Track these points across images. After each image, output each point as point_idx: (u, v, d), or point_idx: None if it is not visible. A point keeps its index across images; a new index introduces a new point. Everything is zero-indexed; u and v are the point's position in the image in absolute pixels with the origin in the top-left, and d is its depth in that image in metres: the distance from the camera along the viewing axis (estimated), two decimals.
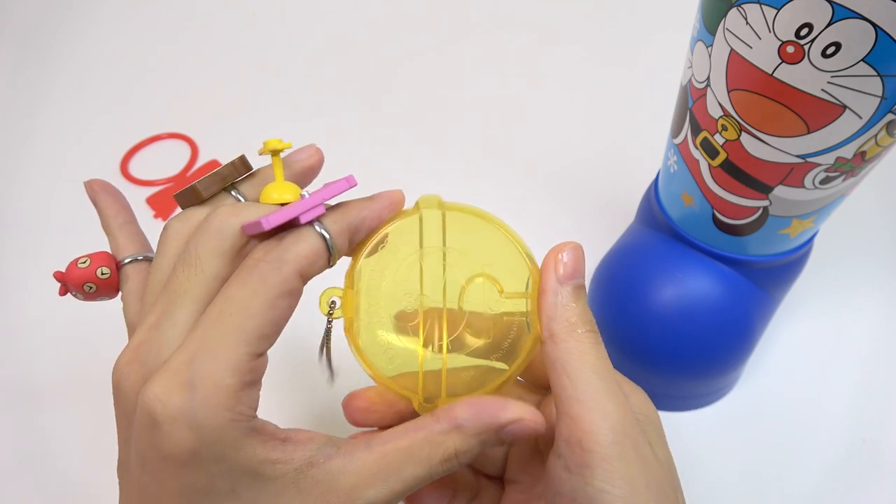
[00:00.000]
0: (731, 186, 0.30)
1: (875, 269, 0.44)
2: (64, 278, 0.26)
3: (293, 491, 0.21)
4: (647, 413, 0.24)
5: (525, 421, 0.22)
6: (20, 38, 0.64)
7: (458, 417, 0.22)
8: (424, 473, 0.22)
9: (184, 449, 0.19)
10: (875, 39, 0.22)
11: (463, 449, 0.22)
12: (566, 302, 0.23)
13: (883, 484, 0.35)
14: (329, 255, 0.22)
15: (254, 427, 0.21)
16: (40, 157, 0.54)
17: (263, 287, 0.21)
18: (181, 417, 0.19)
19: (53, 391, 0.40)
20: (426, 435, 0.22)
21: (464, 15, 0.66)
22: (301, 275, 0.21)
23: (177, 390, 0.19)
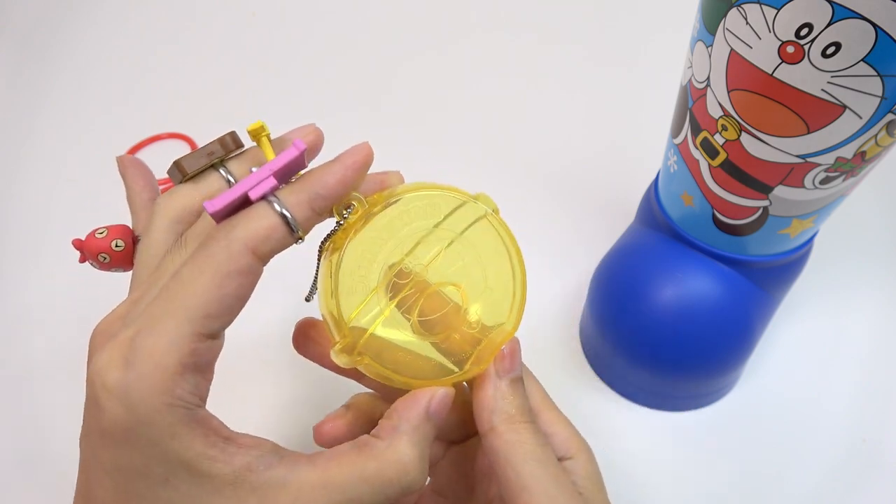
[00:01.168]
0: (731, 186, 0.30)
1: (875, 269, 0.44)
2: (81, 246, 0.26)
3: (229, 493, 0.20)
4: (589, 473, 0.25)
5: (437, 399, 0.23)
6: (20, 38, 0.64)
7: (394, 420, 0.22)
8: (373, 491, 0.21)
9: (118, 426, 0.19)
10: (875, 39, 0.22)
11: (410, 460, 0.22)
12: (504, 395, 0.24)
13: (883, 484, 0.35)
14: (290, 230, 0.21)
15: (195, 417, 0.19)
16: (40, 157, 0.54)
17: (210, 264, 0.20)
18: (117, 393, 0.19)
19: (53, 391, 0.40)
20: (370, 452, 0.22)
21: (464, 15, 0.66)
22: (253, 252, 0.20)
23: (116, 365, 0.19)
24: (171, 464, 0.19)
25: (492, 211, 0.26)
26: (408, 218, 0.24)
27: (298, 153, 0.21)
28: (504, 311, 0.25)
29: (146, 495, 0.19)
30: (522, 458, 0.23)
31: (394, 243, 0.24)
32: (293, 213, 0.21)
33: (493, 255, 0.26)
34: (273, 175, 0.21)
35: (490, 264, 0.25)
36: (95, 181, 0.52)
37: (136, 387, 0.19)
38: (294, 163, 0.21)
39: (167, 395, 0.19)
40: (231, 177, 0.24)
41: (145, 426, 0.19)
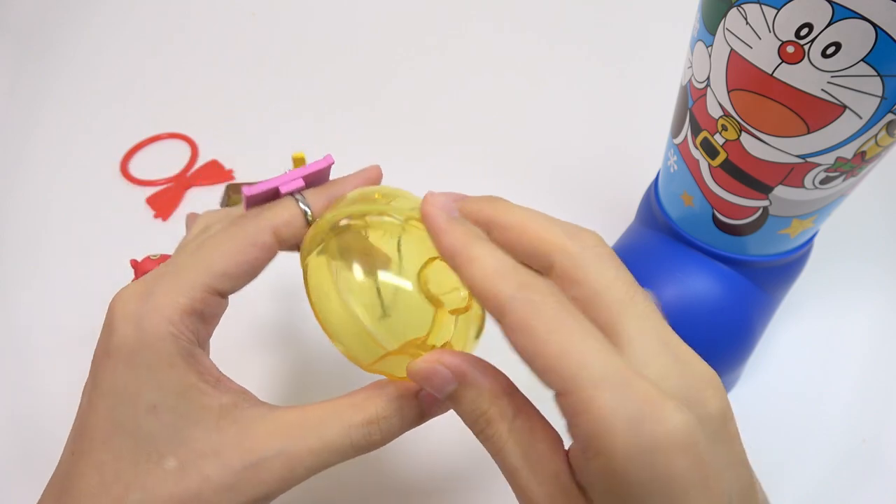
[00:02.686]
0: (731, 186, 0.30)
1: (875, 270, 0.44)
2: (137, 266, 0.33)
3: (211, 425, 0.21)
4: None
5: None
6: (20, 38, 0.64)
7: (382, 384, 0.23)
8: (343, 433, 0.22)
9: (124, 347, 0.21)
10: (875, 39, 0.22)
11: (384, 412, 0.22)
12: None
13: (883, 484, 0.35)
14: (307, 222, 0.24)
15: (193, 353, 0.22)
16: (40, 157, 0.54)
17: (239, 234, 0.23)
18: (131, 318, 0.21)
19: (53, 390, 0.40)
20: (350, 400, 0.23)
21: (464, 15, 0.66)
22: (274, 232, 0.23)
23: (136, 296, 0.22)
24: (162, 391, 0.21)
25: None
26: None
27: (326, 165, 0.25)
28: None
29: (128, 424, 0.21)
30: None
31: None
32: (312, 209, 0.24)
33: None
34: (302, 178, 0.25)
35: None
36: (95, 181, 0.52)
37: (148, 315, 0.21)
38: (321, 172, 0.25)
39: (172, 326, 0.21)
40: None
41: (148, 350, 0.21)
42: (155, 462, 0.21)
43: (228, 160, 0.53)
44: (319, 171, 0.25)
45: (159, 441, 0.21)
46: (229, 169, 0.52)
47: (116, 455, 0.21)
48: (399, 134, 0.55)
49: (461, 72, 0.60)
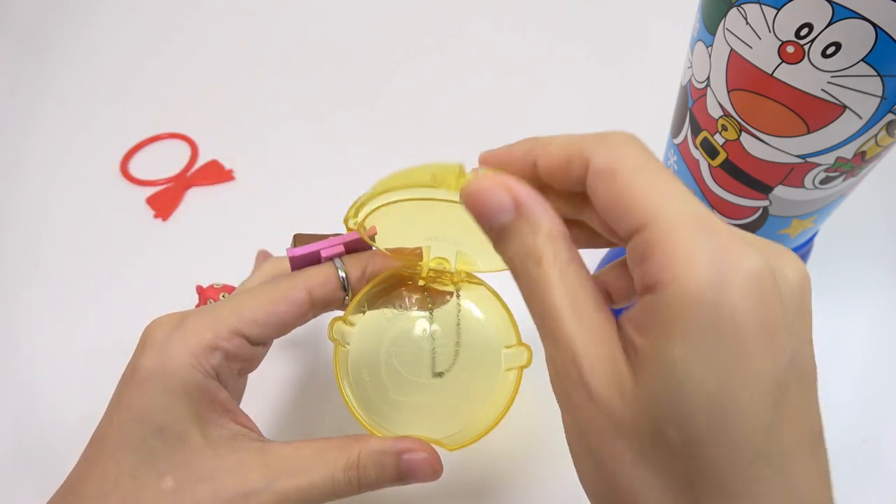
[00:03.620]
0: (731, 186, 0.30)
1: (875, 270, 0.44)
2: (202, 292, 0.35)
3: (210, 452, 0.23)
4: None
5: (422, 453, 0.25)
6: (20, 38, 0.64)
7: (367, 437, 0.25)
8: (327, 475, 0.24)
9: (147, 369, 0.23)
10: (875, 39, 0.22)
11: (365, 461, 0.24)
12: None
13: (883, 484, 0.35)
14: (342, 286, 0.27)
15: (206, 385, 0.24)
16: (40, 157, 0.54)
17: (274, 289, 0.26)
18: (158, 344, 0.24)
19: (53, 390, 0.40)
20: (338, 443, 0.25)
21: (464, 15, 0.66)
22: (308, 290, 0.26)
23: (169, 325, 0.24)
24: (171, 415, 0.23)
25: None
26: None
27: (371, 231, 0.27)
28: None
29: (135, 440, 0.23)
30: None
31: None
32: (347, 273, 0.27)
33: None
34: (343, 245, 0.27)
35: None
36: (95, 181, 0.52)
37: (174, 344, 0.23)
38: (360, 241, 0.28)
39: (194, 359, 0.23)
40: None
41: (168, 375, 0.23)
42: (154, 480, 0.23)
43: (228, 160, 0.53)
44: (360, 239, 0.27)
45: (160, 461, 0.23)
46: (229, 169, 0.52)
47: (119, 467, 0.23)
48: (399, 134, 0.55)
49: (461, 72, 0.60)
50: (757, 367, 0.15)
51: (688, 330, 0.15)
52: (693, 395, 0.15)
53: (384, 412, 0.27)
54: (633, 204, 0.17)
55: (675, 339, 0.15)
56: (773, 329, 0.16)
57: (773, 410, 0.16)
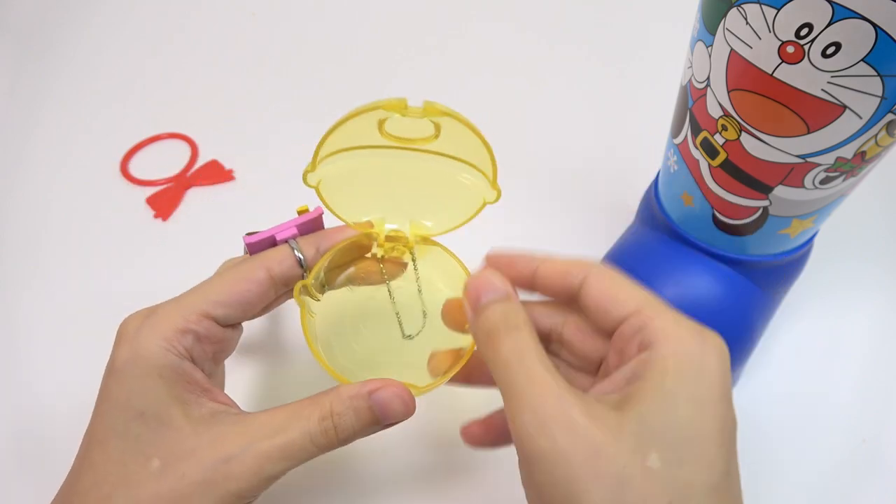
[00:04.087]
0: (731, 186, 0.30)
1: (875, 270, 0.44)
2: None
3: (190, 430, 0.24)
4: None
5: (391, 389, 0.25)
6: (20, 38, 0.64)
7: (338, 387, 0.26)
8: (304, 429, 0.24)
9: (122, 359, 0.25)
10: (875, 39, 0.22)
11: (338, 410, 0.25)
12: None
13: (883, 484, 0.35)
14: (298, 264, 0.28)
15: (182, 366, 0.25)
16: (40, 157, 0.54)
17: (234, 271, 0.27)
18: (130, 335, 0.25)
19: (53, 390, 0.40)
20: (311, 400, 0.26)
21: (464, 15, 0.66)
22: (266, 269, 0.28)
23: (140, 317, 0.26)
24: (149, 399, 0.24)
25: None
26: None
27: (317, 216, 0.30)
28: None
29: (119, 428, 0.24)
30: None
31: None
32: (303, 252, 0.29)
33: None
34: (296, 227, 0.29)
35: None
36: (95, 181, 0.52)
37: (145, 332, 0.25)
38: (312, 222, 0.30)
39: (165, 342, 0.25)
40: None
41: (142, 360, 0.24)
42: (141, 464, 0.24)
43: (228, 160, 0.53)
44: (311, 220, 0.30)
45: (145, 444, 0.24)
46: (229, 169, 0.52)
47: (108, 456, 0.24)
48: None
49: (461, 72, 0.60)
50: (719, 412, 0.21)
51: (680, 370, 0.21)
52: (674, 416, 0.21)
53: (356, 373, 0.27)
54: (626, 297, 0.24)
55: (670, 379, 0.21)
56: (727, 389, 0.22)
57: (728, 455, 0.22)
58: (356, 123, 0.26)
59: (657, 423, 0.20)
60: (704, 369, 0.21)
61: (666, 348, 0.22)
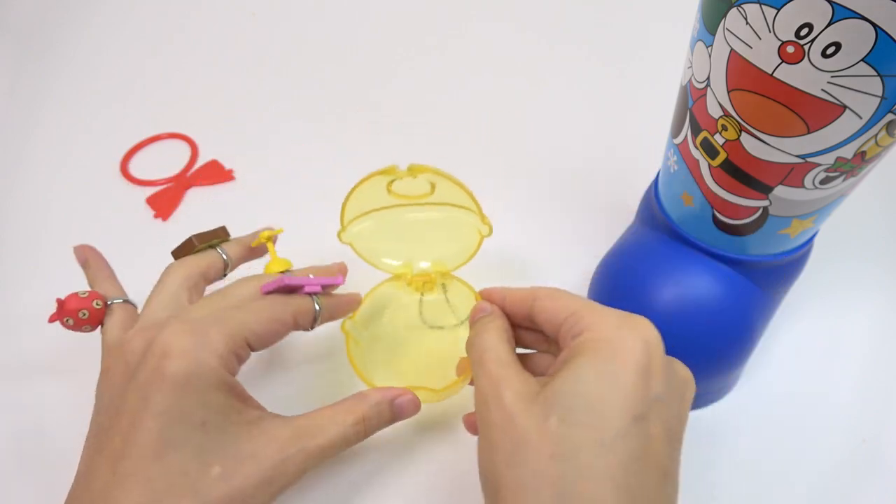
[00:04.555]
0: (731, 186, 0.30)
1: (875, 270, 0.44)
2: (62, 303, 0.32)
3: (245, 436, 0.27)
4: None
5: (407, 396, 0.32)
6: (20, 38, 0.64)
7: (365, 393, 0.31)
8: (341, 432, 0.29)
9: (183, 372, 0.26)
10: (875, 39, 0.22)
11: (368, 413, 0.30)
12: None
13: (883, 484, 0.35)
14: (314, 320, 0.33)
15: (231, 381, 0.28)
16: (40, 157, 0.54)
17: (271, 310, 0.30)
18: (188, 351, 0.27)
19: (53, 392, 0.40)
20: (343, 405, 0.31)
21: (464, 15, 0.66)
22: (294, 317, 0.31)
23: (190, 336, 0.27)
24: (210, 410, 0.27)
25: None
26: None
27: (339, 281, 0.35)
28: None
29: (180, 437, 0.26)
30: None
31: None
32: (321, 308, 0.33)
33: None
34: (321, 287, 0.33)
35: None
36: (95, 181, 0.52)
37: (203, 350, 0.27)
38: (333, 284, 0.34)
39: (220, 360, 0.27)
40: (224, 254, 0.35)
41: (202, 377, 0.26)
42: (204, 471, 0.26)
43: (228, 160, 0.53)
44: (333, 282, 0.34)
45: (207, 452, 0.26)
46: (229, 169, 0.52)
47: (167, 468, 0.25)
48: (399, 134, 0.55)
49: (461, 72, 0.60)
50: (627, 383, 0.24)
51: (594, 353, 0.25)
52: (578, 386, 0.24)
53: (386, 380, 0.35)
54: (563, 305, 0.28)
55: (583, 357, 0.25)
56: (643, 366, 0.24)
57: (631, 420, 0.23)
58: (369, 189, 0.34)
59: (563, 392, 0.24)
60: (618, 349, 0.25)
61: (588, 335, 0.26)
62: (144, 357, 0.27)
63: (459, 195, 0.34)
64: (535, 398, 0.25)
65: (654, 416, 0.24)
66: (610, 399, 0.24)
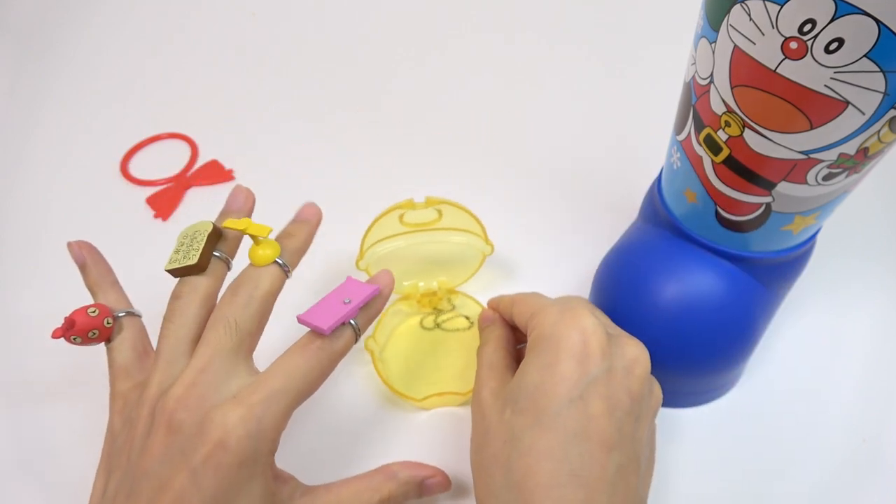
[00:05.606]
0: (734, 183, 0.30)
1: (877, 268, 0.44)
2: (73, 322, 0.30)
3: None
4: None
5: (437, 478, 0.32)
6: (20, 38, 0.64)
7: (395, 471, 0.31)
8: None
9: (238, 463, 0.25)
10: (878, 35, 0.22)
11: (394, 493, 0.30)
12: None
13: (883, 484, 0.35)
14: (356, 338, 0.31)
15: (274, 467, 0.28)
16: (40, 157, 0.54)
17: (319, 366, 0.28)
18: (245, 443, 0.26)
19: (53, 392, 0.40)
20: (369, 483, 0.30)
21: (465, 13, 0.66)
22: (339, 358, 0.29)
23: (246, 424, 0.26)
24: (252, 494, 0.26)
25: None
26: None
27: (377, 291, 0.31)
28: None
29: None
30: None
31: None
32: (360, 326, 0.30)
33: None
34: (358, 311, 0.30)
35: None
36: (95, 181, 0.52)
37: (260, 440, 0.26)
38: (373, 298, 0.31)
39: (273, 444, 0.27)
40: (224, 254, 0.32)
41: (254, 463, 0.26)
42: None
43: (228, 160, 0.53)
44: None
45: None
46: (229, 169, 0.52)
47: None
48: (399, 134, 0.55)
49: (461, 72, 0.60)
50: (563, 371, 0.28)
51: (537, 348, 0.29)
52: (525, 380, 0.28)
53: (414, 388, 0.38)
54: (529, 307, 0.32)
55: (531, 354, 0.29)
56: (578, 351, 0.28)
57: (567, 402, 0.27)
58: (384, 221, 0.39)
59: (513, 387, 0.29)
60: (554, 340, 0.28)
61: (534, 333, 0.30)
62: (198, 438, 0.26)
63: (465, 219, 0.39)
64: (500, 394, 0.29)
65: (592, 395, 0.27)
66: (546, 387, 0.27)
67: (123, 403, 0.30)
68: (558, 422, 0.26)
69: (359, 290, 0.30)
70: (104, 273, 0.34)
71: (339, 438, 0.37)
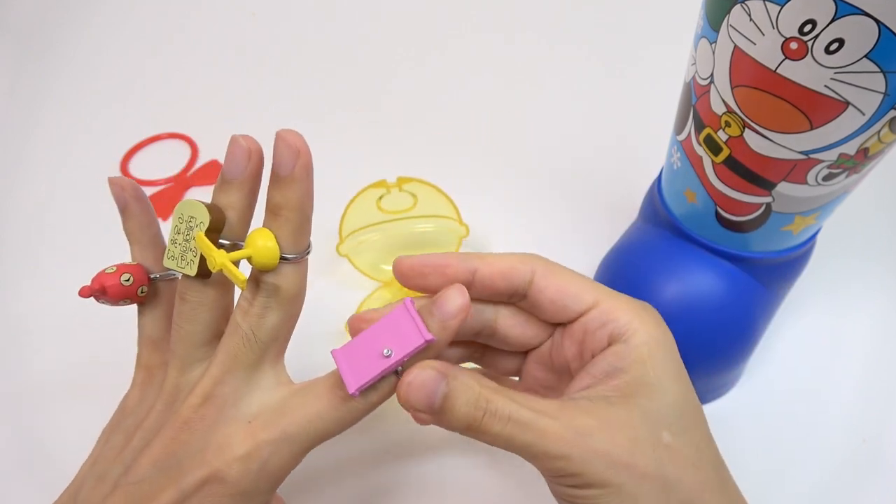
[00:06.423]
0: (734, 183, 0.30)
1: (877, 268, 0.44)
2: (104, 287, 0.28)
3: None
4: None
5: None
6: (20, 38, 0.64)
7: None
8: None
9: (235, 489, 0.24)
10: (878, 36, 0.22)
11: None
12: None
13: (883, 484, 0.35)
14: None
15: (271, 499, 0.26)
16: (40, 157, 0.54)
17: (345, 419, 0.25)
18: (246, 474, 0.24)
19: (53, 392, 0.40)
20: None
21: (465, 13, 0.66)
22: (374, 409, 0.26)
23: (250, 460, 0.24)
24: None
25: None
26: None
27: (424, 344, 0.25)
28: None
29: None
30: None
31: None
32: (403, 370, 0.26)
33: None
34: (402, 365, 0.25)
35: None
36: (95, 182, 0.52)
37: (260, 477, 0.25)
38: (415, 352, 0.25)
39: (275, 484, 0.25)
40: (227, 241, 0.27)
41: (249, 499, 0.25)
42: None
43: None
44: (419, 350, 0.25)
45: None
46: None
47: None
48: (399, 134, 0.55)
49: (461, 72, 0.60)
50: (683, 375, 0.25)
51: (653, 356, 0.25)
52: (668, 398, 0.24)
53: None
54: (579, 291, 0.26)
55: (649, 366, 0.24)
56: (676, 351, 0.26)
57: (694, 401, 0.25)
58: (361, 205, 0.40)
59: (657, 408, 0.24)
60: (666, 346, 0.25)
61: (637, 338, 0.25)
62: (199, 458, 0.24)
63: (440, 203, 0.40)
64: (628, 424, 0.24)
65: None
66: (686, 398, 0.25)
67: (145, 378, 0.29)
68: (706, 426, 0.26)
69: (408, 335, 0.24)
70: (146, 224, 0.30)
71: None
